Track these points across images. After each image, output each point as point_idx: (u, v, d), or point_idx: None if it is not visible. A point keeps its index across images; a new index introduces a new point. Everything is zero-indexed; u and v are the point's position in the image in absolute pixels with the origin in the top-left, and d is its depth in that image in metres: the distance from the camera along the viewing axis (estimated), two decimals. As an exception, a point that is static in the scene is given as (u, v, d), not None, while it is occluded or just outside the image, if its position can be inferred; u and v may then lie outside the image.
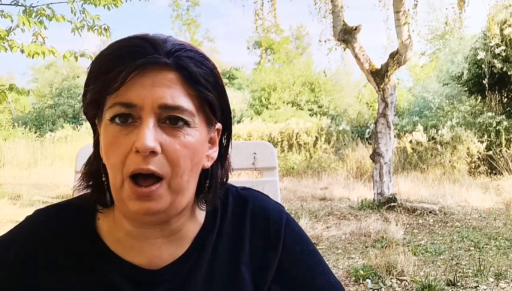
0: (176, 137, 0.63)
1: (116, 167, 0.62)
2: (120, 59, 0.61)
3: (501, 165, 8.84)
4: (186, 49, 0.64)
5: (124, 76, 0.59)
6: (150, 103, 0.60)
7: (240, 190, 0.81)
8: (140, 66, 0.60)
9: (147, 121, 0.60)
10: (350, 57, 7.23)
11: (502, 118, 9.57)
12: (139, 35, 0.64)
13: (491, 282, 3.43)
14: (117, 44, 0.63)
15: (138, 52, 0.61)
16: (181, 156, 0.63)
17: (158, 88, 0.61)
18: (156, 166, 0.61)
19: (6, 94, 4.11)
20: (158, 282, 0.69)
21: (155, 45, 0.62)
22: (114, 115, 0.62)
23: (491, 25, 8.93)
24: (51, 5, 4.47)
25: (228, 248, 0.74)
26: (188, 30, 23.74)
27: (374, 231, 5.00)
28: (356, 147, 11.02)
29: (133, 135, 0.61)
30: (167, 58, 0.62)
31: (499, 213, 5.96)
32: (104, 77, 0.61)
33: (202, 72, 0.64)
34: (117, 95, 0.61)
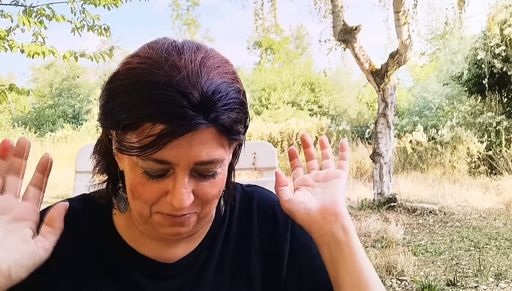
0: (208, 181, 0.63)
1: (146, 204, 0.63)
2: (156, 117, 0.55)
3: (501, 165, 8.84)
4: (223, 95, 0.58)
5: (162, 143, 0.56)
6: (186, 161, 0.59)
7: (246, 187, 0.84)
8: (181, 133, 0.56)
9: (182, 177, 0.60)
10: (350, 57, 7.23)
11: (502, 118, 9.58)
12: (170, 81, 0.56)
13: (491, 282, 3.43)
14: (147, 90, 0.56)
15: (176, 115, 0.55)
16: (212, 196, 0.65)
17: (195, 147, 0.58)
18: (189, 209, 0.64)
19: (6, 94, 4.11)
20: (173, 275, 0.72)
21: (194, 102, 0.56)
22: (147, 167, 0.60)
23: (491, 25, 8.93)
24: (51, 5, 4.46)
25: (237, 241, 0.77)
26: (188, 30, 23.76)
27: (374, 231, 5.00)
28: (356, 147, 11.02)
29: (166, 183, 0.61)
30: (206, 116, 0.57)
31: (499, 213, 5.96)
32: (138, 132, 0.57)
33: (235, 117, 0.60)
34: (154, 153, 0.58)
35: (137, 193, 0.63)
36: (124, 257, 0.71)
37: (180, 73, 0.57)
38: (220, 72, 0.60)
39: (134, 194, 0.64)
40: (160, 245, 0.73)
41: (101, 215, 0.74)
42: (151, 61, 0.58)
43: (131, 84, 0.58)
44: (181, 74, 0.57)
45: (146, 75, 0.57)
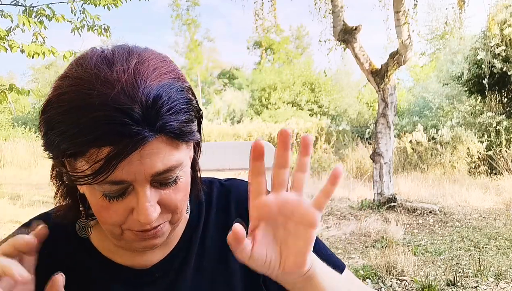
0: (170, 189, 0.61)
1: (114, 225, 0.61)
2: (98, 141, 0.53)
3: (501, 165, 8.84)
4: (165, 100, 0.55)
5: (113, 164, 0.53)
6: (142, 176, 0.56)
7: (224, 182, 0.81)
8: (129, 151, 0.53)
9: (143, 192, 0.58)
10: (350, 57, 7.23)
11: (502, 118, 9.58)
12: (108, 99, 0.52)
13: (491, 282, 3.43)
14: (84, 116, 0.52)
15: (119, 134, 0.52)
16: (178, 201, 0.63)
17: (147, 159, 0.56)
18: (159, 220, 0.62)
19: (6, 94, 4.11)
20: (150, 281, 0.70)
21: (135, 117, 0.53)
22: (104, 191, 0.58)
23: (491, 25, 8.93)
24: (51, 5, 4.46)
25: (215, 239, 0.74)
26: (188, 30, 23.77)
27: (374, 231, 5.00)
28: (356, 147, 11.02)
29: (129, 201, 0.59)
30: (152, 127, 0.54)
31: (499, 213, 5.96)
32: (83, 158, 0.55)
33: (184, 118, 0.57)
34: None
35: (103, 218, 0.61)
36: (100, 269, 0.70)
37: (115, 88, 0.53)
38: (157, 75, 0.57)
39: (100, 218, 0.62)
40: (135, 253, 0.71)
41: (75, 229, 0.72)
42: (81, 81, 0.55)
43: (65, 111, 0.54)
44: (115, 89, 0.53)
45: (79, 99, 0.53)
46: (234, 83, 21.43)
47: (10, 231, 0.76)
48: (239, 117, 16.44)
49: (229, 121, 15.33)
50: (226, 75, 23.76)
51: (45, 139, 0.58)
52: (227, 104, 17.85)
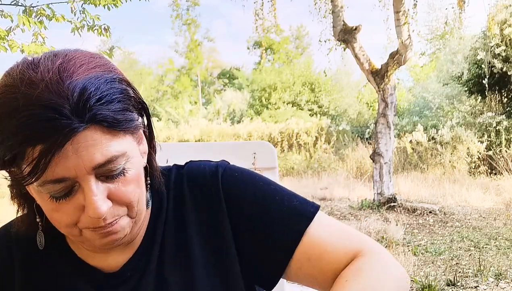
0: (119, 181, 0.60)
1: (68, 226, 0.60)
2: (31, 141, 0.53)
3: (501, 165, 8.84)
4: (92, 91, 0.55)
5: (47, 161, 0.53)
6: (83, 170, 0.56)
7: (180, 166, 0.77)
8: (60, 145, 0.53)
9: (88, 186, 0.57)
10: (350, 57, 7.24)
11: (502, 118, 9.58)
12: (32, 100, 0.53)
13: (491, 282, 3.43)
14: (12, 119, 0.53)
15: (48, 129, 0.52)
16: (130, 194, 0.61)
17: (84, 152, 0.55)
18: (112, 215, 0.60)
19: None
20: (123, 281, 0.69)
21: (62, 111, 0.53)
22: (49, 191, 0.57)
23: (491, 25, 8.93)
24: (51, 5, 4.46)
25: (174, 224, 0.72)
26: (188, 30, 23.77)
27: (374, 231, 5.00)
28: (356, 147, 11.03)
29: (77, 199, 0.58)
30: (81, 119, 0.54)
31: (499, 213, 5.96)
32: (21, 163, 0.55)
33: (117, 107, 0.57)
34: (43, 175, 0.55)
35: (56, 221, 0.60)
36: (73, 270, 0.70)
37: (39, 87, 0.53)
38: (84, 70, 0.57)
39: (54, 222, 0.61)
40: (107, 254, 0.70)
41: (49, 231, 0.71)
42: (6, 88, 0.55)
43: None
44: (39, 88, 0.53)
45: (5, 104, 0.54)
46: (234, 83, 21.44)
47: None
48: (239, 117, 16.44)
49: (229, 121, 15.34)
50: (226, 75, 23.77)
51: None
52: (227, 104, 17.85)
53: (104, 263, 0.70)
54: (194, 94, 23.62)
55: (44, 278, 0.69)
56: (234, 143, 1.37)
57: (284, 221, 0.69)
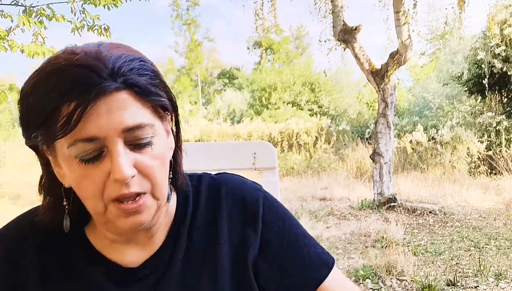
0: (146, 153, 0.62)
1: (95, 197, 0.62)
2: (66, 96, 0.56)
3: (501, 165, 8.84)
4: (126, 61, 0.60)
5: (79, 115, 0.56)
6: (113, 131, 0.58)
7: (214, 175, 0.81)
8: (93, 99, 0.56)
9: (116, 149, 0.59)
10: (350, 57, 7.23)
11: (502, 118, 9.57)
12: (73, 62, 0.58)
13: (491, 282, 3.43)
14: (55, 78, 0.57)
15: (84, 85, 0.57)
16: (156, 168, 0.63)
17: (115, 113, 0.58)
18: (138, 186, 0.62)
19: (6, 94, 4.10)
20: (140, 278, 0.70)
21: (98, 70, 0.57)
22: (79, 152, 0.59)
23: (491, 25, 8.93)
24: (51, 5, 4.45)
25: (203, 232, 0.74)
26: (188, 30, 23.77)
27: (374, 231, 5.00)
28: (356, 147, 11.02)
29: (104, 164, 0.60)
30: (114, 80, 0.58)
31: (499, 213, 5.96)
32: (55, 119, 0.57)
33: (148, 80, 0.62)
34: (75, 132, 0.57)
35: (83, 189, 0.62)
36: (91, 265, 0.70)
37: (78, 54, 0.59)
38: (121, 50, 0.62)
39: (82, 191, 0.63)
40: (128, 249, 0.72)
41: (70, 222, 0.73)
42: (49, 59, 0.61)
43: (36, 82, 0.59)
44: (79, 55, 0.59)
45: (47, 68, 0.59)
46: (234, 83, 21.44)
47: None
48: (239, 117, 16.44)
49: (229, 121, 15.33)
50: (226, 75, 23.77)
51: (23, 121, 0.62)
52: (227, 104, 17.84)
53: (122, 257, 0.71)
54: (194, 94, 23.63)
55: (60, 269, 0.70)
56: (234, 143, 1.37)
57: (308, 264, 0.75)
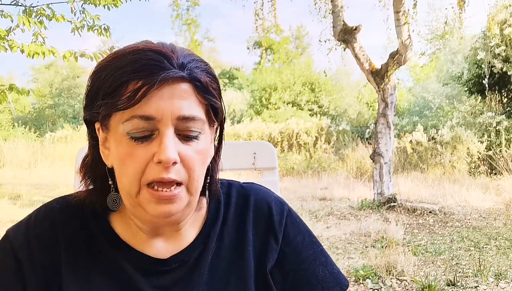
0: (191, 146, 0.66)
1: (135, 176, 0.65)
2: (137, 74, 0.62)
3: (501, 165, 8.84)
4: (194, 60, 0.67)
5: (144, 92, 0.61)
6: (169, 115, 0.63)
7: (243, 184, 0.84)
8: (160, 82, 0.62)
9: (166, 133, 0.63)
10: (350, 57, 7.23)
11: (502, 118, 9.57)
12: (150, 47, 0.65)
13: (491, 282, 3.43)
14: (131, 56, 0.64)
15: (155, 67, 0.62)
16: (196, 162, 0.67)
17: (176, 100, 0.63)
18: (176, 174, 0.65)
19: (6, 94, 4.10)
20: (166, 270, 0.72)
21: (170, 59, 0.64)
22: (132, 129, 0.63)
23: (491, 25, 8.92)
24: (51, 5, 4.45)
25: (232, 237, 0.77)
26: (188, 30, 23.73)
27: (374, 231, 5.00)
28: (356, 147, 11.02)
29: (152, 146, 0.64)
30: (182, 70, 0.64)
31: (499, 213, 5.96)
32: (122, 92, 0.62)
33: (210, 81, 0.67)
34: (134, 108, 0.62)
35: (126, 165, 0.65)
36: (117, 252, 0.72)
37: (156, 43, 0.67)
38: (191, 52, 0.69)
39: (122, 168, 0.66)
40: (154, 241, 0.74)
41: (96, 211, 0.75)
42: (128, 45, 0.67)
43: (113, 58, 0.65)
44: (156, 43, 0.67)
45: (126, 49, 0.65)
46: (234, 83, 21.42)
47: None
48: (239, 117, 16.43)
49: (229, 121, 15.33)
50: (226, 75, 23.74)
51: (89, 92, 0.67)
52: (227, 104, 17.69)
53: (147, 248, 0.73)
54: (194, 94, 23.52)
55: (89, 253, 0.72)
56: (234, 143, 1.37)
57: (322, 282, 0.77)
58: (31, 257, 0.70)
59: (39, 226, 0.73)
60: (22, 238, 0.72)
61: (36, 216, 0.75)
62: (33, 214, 0.76)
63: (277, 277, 0.76)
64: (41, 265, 0.70)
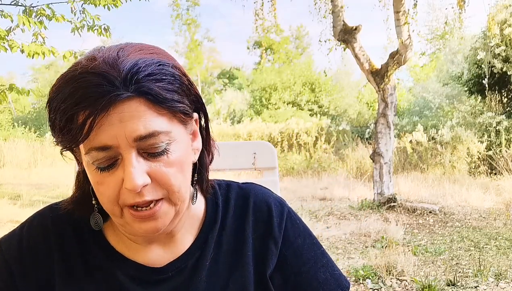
0: (161, 161, 0.61)
1: (111, 202, 0.62)
2: (80, 105, 0.57)
3: (501, 165, 8.84)
4: (142, 67, 0.59)
5: (91, 123, 0.57)
6: (125, 140, 0.58)
7: (242, 185, 0.82)
8: (103, 109, 0.56)
9: (128, 158, 0.59)
10: (350, 57, 7.24)
11: (502, 118, 9.57)
12: (88, 69, 0.58)
13: (491, 282, 3.42)
14: (71, 86, 0.58)
15: (95, 94, 0.56)
16: (172, 176, 0.62)
17: (128, 122, 0.58)
18: (152, 194, 0.61)
19: (6, 94, 4.10)
20: (163, 279, 0.71)
21: (111, 79, 0.57)
22: (94, 160, 0.60)
23: (491, 25, 8.92)
24: (51, 5, 4.45)
25: (231, 241, 0.75)
26: (188, 30, 23.73)
27: (374, 231, 5.00)
28: (356, 147, 11.02)
29: (119, 172, 0.60)
30: (127, 88, 0.57)
31: (499, 213, 5.96)
32: (68, 128, 0.58)
33: (165, 86, 0.60)
34: (89, 141, 0.58)
35: (101, 194, 0.63)
36: (112, 263, 0.71)
37: (96, 60, 0.59)
38: (141, 53, 0.61)
39: (99, 196, 0.64)
40: (149, 249, 0.72)
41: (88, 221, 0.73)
42: (73, 65, 0.62)
43: (57, 88, 0.60)
44: (97, 61, 0.59)
45: (67, 75, 0.60)
46: (234, 83, 21.43)
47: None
48: (239, 117, 16.43)
49: (229, 121, 15.32)
50: (226, 75, 23.74)
51: (50, 124, 0.62)
52: (227, 104, 17.83)
53: (143, 257, 0.71)
54: (194, 94, 23.51)
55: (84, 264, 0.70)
56: (234, 143, 1.37)
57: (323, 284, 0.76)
58: (24, 268, 0.69)
59: (32, 237, 0.72)
60: (15, 249, 0.71)
61: (29, 226, 0.73)
62: (25, 224, 0.74)
63: (277, 281, 0.75)
64: (34, 277, 0.69)
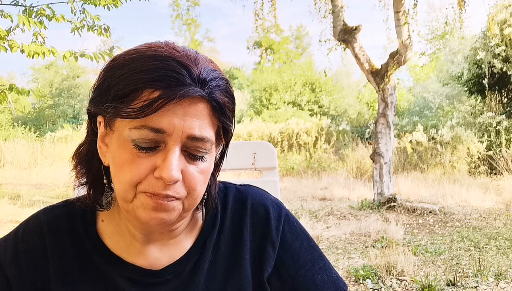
0: (196, 165, 0.64)
1: (131, 184, 0.62)
2: (155, 83, 0.58)
3: (501, 165, 8.84)
4: (217, 78, 0.63)
5: (159, 105, 0.58)
6: (179, 132, 0.60)
7: (239, 187, 0.82)
8: (178, 96, 0.58)
9: (173, 149, 0.60)
10: (350, 58, 7.23)
11: (502, 118, 9.57)
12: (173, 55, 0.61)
13: (491, 282, 3.42)
14: (151, 62, 0.60)
15: (175, 80, 0.59)
16: (198, 182, 0.64)
17: (189, 118, 0.60)
18: (175, 192, 0.62)
19: (6, 94, 4.10)
20: (161, 282, 0.71)
21: (192, 73, 0.60)
22: (139, 138, 0.60)
23: (491, 25, 8.92)
24: (51, 5, 4.45)
25: (229, 245, 0.75)
26: (188, 30, 23.72)
27: (374, 231, 5.00)
28: (356, 147, 11.02)
29: (155, 158, 0.61)
30: (202, 88, 0.61)
31: (499, 213, 5.96)
32: (135, 99, 0.59)
33: (227, 102, 0.65)
34: (148, 118, 0.59)
35: (123, 171, 0.62)
36: (109, 266, 0.70)
37: (179, 52, 0.62)
38: (213, 65, 0.65)
39: (120, 173, 0.62)
40: (147, 250, 0.71)
41: (85, 223, 0.73)
42: (149, 44, 0.64)
43: (132, 58, 0.61)
44: (180, 53, 0.62)
45: (147, 51, 0.62)
46: (234, 83, 21.41)
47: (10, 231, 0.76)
48: (239, 118, 16.43)
49: (229, 121, 15.29)
50: (226, 75, 23.73)
51: (100, 87, 0.63)
52: (227, 104, 17.79)
53: (140, 260, 0.71)
54: (194, 94, 23.50)
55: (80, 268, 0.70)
56: (234, 143, 1.36)
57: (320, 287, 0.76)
58: (20, 273, 0.69)
59: (27, 241, 0.71)
60: (10, 253, 0.70)
61: (24, 229, 0.73)
62: (20, 227, 0.73)
63: (275, 284, 0.75)
64: (30, 281, 0.69)
